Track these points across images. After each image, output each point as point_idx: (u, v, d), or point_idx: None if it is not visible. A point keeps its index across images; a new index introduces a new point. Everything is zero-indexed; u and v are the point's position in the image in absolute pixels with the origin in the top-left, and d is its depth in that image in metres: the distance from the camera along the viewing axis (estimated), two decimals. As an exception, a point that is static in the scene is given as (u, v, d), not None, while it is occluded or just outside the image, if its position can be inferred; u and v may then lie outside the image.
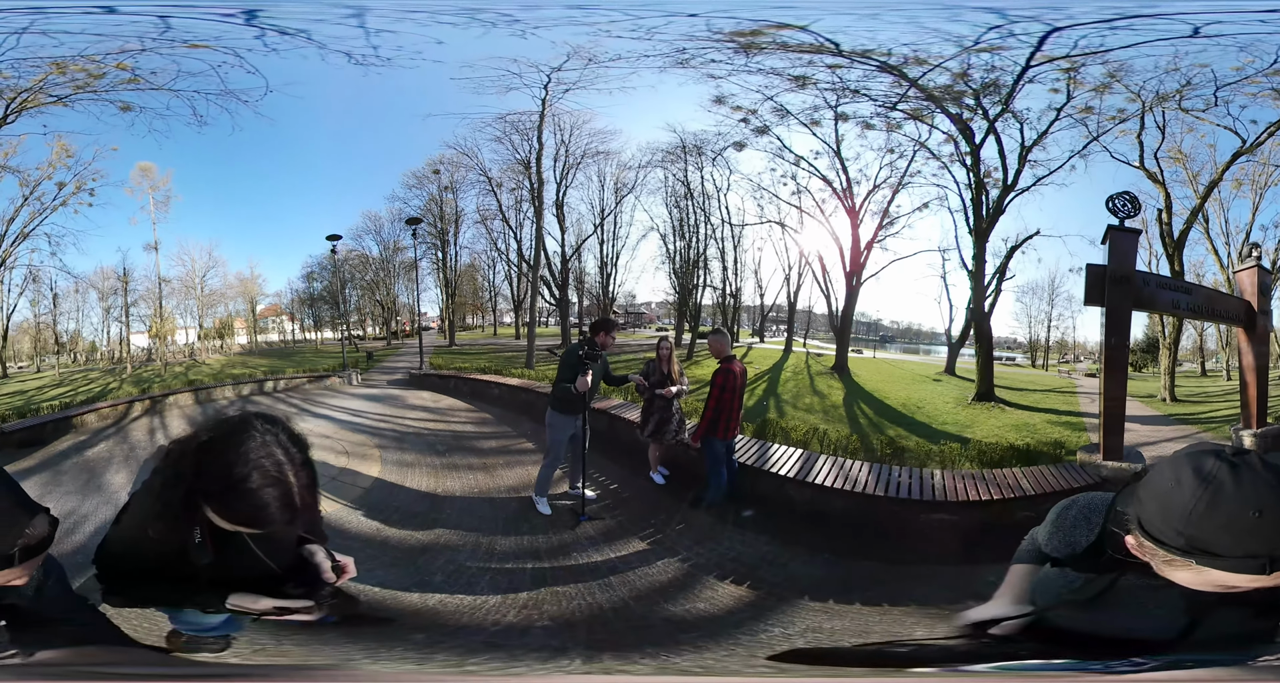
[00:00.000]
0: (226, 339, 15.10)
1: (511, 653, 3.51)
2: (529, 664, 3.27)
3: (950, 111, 10.12)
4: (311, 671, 2.06)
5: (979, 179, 10.74)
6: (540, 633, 3.82)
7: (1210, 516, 1.11)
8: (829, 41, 8.54)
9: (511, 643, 3.67)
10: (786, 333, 14.95)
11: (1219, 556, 1.12)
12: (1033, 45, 8.08)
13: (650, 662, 3.46)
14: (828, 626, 3.95)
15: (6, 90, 8.81)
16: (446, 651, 3.45)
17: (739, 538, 5.31)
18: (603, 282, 15.28)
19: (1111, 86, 8.95)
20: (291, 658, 2.25)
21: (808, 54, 8.95)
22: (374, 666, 2.38)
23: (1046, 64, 8.54)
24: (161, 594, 1.86)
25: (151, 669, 1.74)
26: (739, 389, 5.93)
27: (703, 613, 4.14)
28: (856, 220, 12.39)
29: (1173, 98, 9.06)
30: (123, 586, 1.81)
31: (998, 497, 5.65)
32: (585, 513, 5.67)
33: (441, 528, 5.49)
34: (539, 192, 13.09)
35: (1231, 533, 1.10)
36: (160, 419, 10.22)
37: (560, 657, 3.50)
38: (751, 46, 8.66)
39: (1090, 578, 1.42)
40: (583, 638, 3.80)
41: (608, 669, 3.24)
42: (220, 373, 13.37)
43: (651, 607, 4.23)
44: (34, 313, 12.99)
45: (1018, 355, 15.06)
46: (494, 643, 3.66)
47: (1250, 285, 7.61)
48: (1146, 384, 11.74)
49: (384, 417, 10.08)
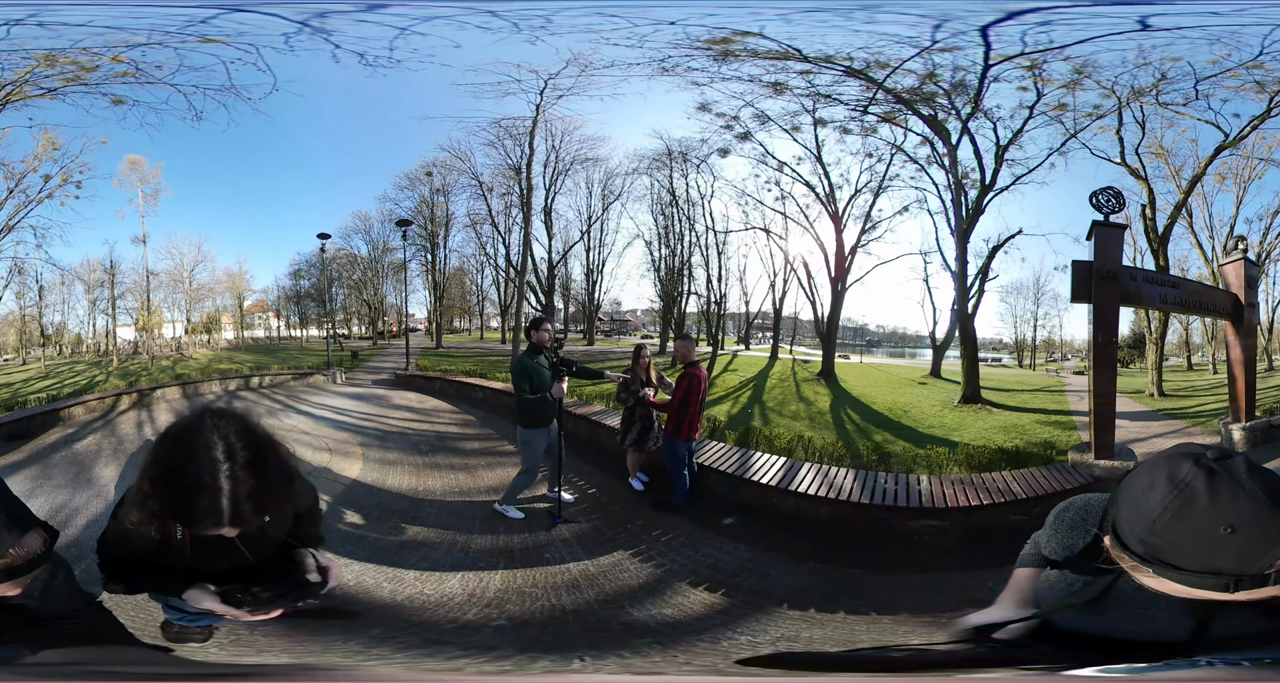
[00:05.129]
0: (214, 334, 15.03)
1: (466, 650, 3.45)
2: (478, 663, 3.19)
3: (922, 113, 10.14)
4: (311, 670, 2.04)
5: (957, 180, 10.77)
6: (492, 633, 3.79)
7: (1175, 526, 1.04)
8: (792, 47, 8.58)
9: (467, 641, 3.63)
10: (772, 339, 14.94)
11: (1178, 569, 1.05)
12: (979, 42, 8.07)
13: (613, 663, 3.39)
14: (805, 634, 3.88)
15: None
16: (411, 648, 3.40)
17: (717, 545, 5.26)
18: (588, 288, 15.33)
19: (1082, 82, 8.90)
20: (291, 657, 2.24)
21: (778, 60, 8.98)
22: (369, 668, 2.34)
23: (1005, 62, 8.51)
24: (154, 584, 1.94)
25: (151, 669, 1.74)
26: (702, 393, 6.13)
27: (667, 618, 4.08)
28: (840, 225, 12.44)
29: (1149, 92, 9.00)
30: (119, 575, 1.87)
31: (988, 502, 5.58)
32: (562, 516, 5.64)
33: (419, 526, 5.48)
34: (528, 197, 13.15)
35: (1196, 547, 1.03)
36: (148, 413, 10.19)
37: (519, 656, 3.44)
38: (728, 54, 8.69)
39: (1089, 581, 1.37)
40: (544, 639, 3.77)
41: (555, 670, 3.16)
42: (207, 368, 13.34)
43: (616, 610, 4.18)
44: (19, 305, 13.00)
45: (1004, 356, 15.09)
46: (449, 640, 3.60)
47: (1236, 279, 7.58)
48: (1134, 380, 11.69)
49: (368, 416, 10.06)
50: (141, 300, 13.48)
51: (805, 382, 12.73)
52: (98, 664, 1.55)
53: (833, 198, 12.34)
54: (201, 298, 14.74)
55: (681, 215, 14.30)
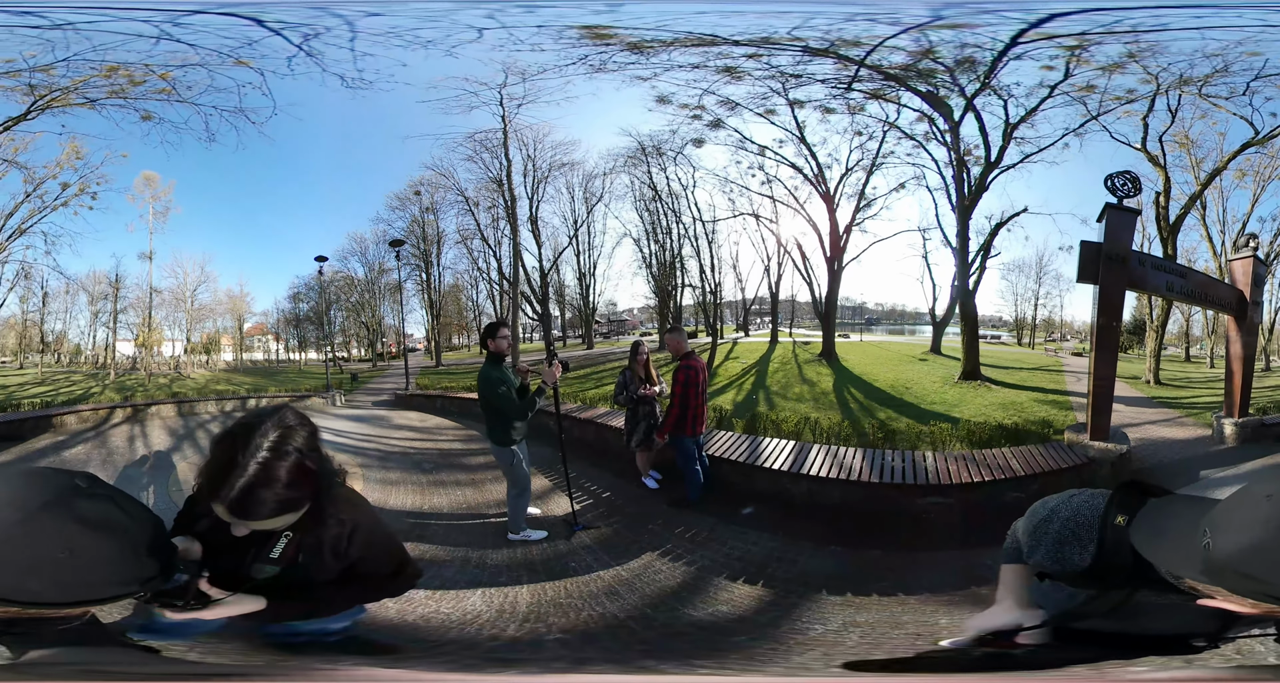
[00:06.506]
0: (213, 355, 15.04)
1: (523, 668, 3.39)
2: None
3: (919, 90, 9.91)
4: (310, 670, 2.01)
5: (960, 157, 10.61)
6: (556, 646, 3.68)
7: None
8: (710, 34, 8.29)
9: (520, 657, 3.56)
10: (771, 324, 14.93)
11: None
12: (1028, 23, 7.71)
13: (701, 668, 3.29)
14: (861, 619, 3.83)
15: (40, 87, 8.76)
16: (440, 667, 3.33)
17: (741, 536, 5.22)
18: (582, 293, 15.33)
19: (1125, 66, 8.46)
20: (290, 658, 2.20)
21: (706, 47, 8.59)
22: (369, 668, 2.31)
23: (1044, 41, 8.05)
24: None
25: (148, 669, 1.73)
26: (702, 384, 6.03)
27: (727, 615, 4.01)
28: (833, 205, 12.37)
29: (1196, 83, 8.65)
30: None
31: (989, 478, 5.65)
32: (579, 523, 5.56)
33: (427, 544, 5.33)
34: (513, 208, 13.18)
35: None
36: (140, 427, 10.08)
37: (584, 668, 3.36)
38: (641, 45, 8.40)
39: (1099, 594, 1.36)
40: (609, 647, 3.68)
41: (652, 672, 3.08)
42: (204, 388, 13.30)
43: (670, 613, 4.08)
44: (22, 309, 13.19)
45: (1002, 334, 15.11)
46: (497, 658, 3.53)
47: (1244, 275, 7.59)
48: (1132, 366, 11.73)
49: (368, 436, 9.92)
50: (143, 316, 13.56)
51: (807, 363, 12.73)
52: (85, 664, 1.52)
53: (822, 178, 12.26)
54: (202, 318, 14.75)
55: (666, 209, 14.26)
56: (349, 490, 2.07)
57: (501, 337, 5.22)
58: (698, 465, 6.01)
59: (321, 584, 1.95)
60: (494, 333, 5.20)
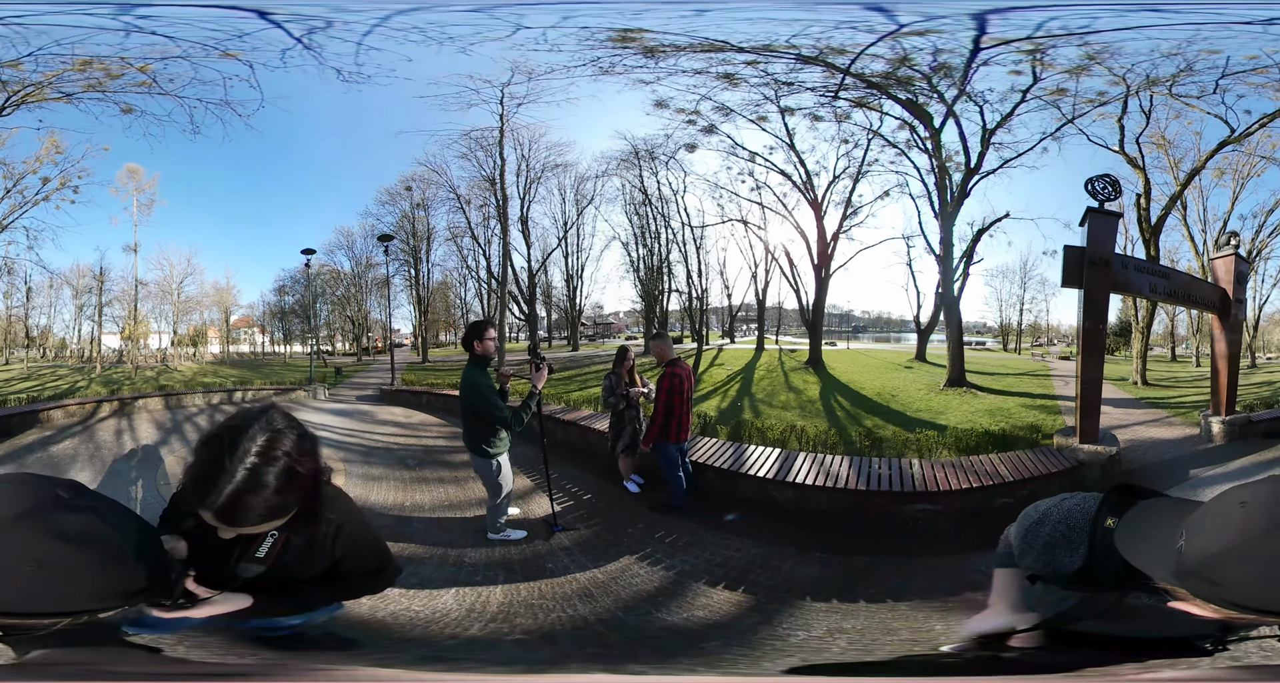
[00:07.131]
0: (200, 347, 14.99)
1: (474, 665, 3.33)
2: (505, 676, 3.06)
3: (899, 97, 10.01)
4: (309, 670, 1.96)
5: (941, 164, 10.72)
6: (513, 646, 3.63)
7: None
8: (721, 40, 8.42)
9: (473, 656, 3.49)
10: (757, 331, 14.95)
11: None
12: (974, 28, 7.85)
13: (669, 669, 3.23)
14: (848, 625, 3.78)
15: (12, 82, 8.65)
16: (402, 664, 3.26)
17: (723, 543, 5.18)
18: (569, 294, 15.31)
19: (1090, 69, 8.63)
20: (289, 658, 2.16)
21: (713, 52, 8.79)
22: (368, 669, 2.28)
23: (1001, 46, 8.23)
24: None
25: (147, 669, 1.69)
26: (686, 391, 5.97)
27: (703, 620, 3.96)
28: (820, 212, 12.47)
29: (1164, 82, 8.76)
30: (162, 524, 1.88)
31: (977, 485, 5.63)
32: (559, 524, 5.52)
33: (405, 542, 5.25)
34: (504, 207, 13.22)
35: None
36: (128, 421, 9.98)
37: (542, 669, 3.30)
38: (656, 49, 8.51)
39: (1090, 596, 1.35)
40: (571, 650, 3.62)
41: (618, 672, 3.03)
42: (191, 380, 13.19)
43: (644, 617, 4.03)
44: (6, 305, 13.21)
45: (987, 339, 15.19)
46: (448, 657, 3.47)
47: (1226, 273, 7.67)
48: (1119, 367, 11.86)
49: (351, 431, 9.85)
50: (129, 309, 13.55)
51: (793, 371, 12.76)
52: (86, 664, 1.49)
53: (810, 185, 12.38)
54: (189, 310, 14.77)
55: (656, 213, 14.36)
56: (334, 488, 2.01)
57: (489, 338, 4.89)
58: (681, 473, 5.98)
59: (305, 581, 1.92)
60: (481, 334, 4.84)
